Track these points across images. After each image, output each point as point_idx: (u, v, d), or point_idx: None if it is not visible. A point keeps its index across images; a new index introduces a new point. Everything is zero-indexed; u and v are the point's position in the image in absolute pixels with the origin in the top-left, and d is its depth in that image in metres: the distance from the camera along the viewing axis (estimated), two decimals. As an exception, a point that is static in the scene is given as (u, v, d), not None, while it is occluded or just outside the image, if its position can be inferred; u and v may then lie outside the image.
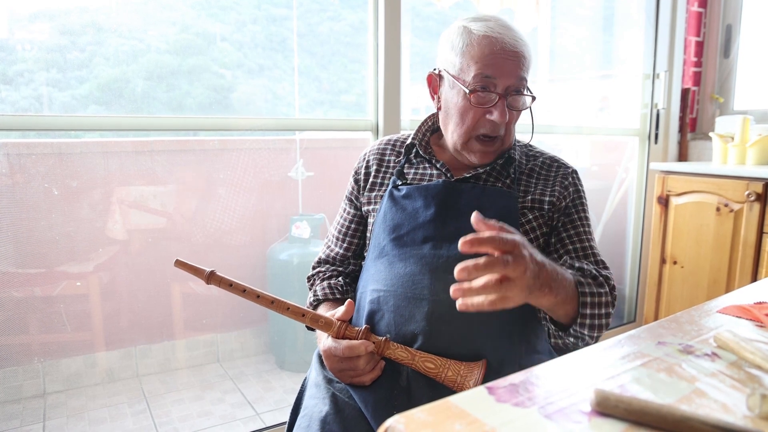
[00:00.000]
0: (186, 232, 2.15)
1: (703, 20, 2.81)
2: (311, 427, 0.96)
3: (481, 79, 1.02)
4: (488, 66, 1.01)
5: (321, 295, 1.18)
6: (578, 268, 1.03)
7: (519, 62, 1.03)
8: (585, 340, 0.99)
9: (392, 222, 1.08)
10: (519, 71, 1.03)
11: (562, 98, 2.92)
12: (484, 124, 1.04)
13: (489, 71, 1.02)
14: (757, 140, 2.26)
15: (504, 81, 1.02)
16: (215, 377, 2.31)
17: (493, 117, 1.02)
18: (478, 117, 1.04)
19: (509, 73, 1.02)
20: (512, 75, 1.02)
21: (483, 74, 1.02)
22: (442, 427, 0.47)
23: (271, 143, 2.33)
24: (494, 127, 1.04)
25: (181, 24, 2.12)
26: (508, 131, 1.07)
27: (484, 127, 1.05)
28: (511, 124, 1.07)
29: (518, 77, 1.03)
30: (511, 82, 1.03)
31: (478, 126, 1.05)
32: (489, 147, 1.07)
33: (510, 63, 1.02)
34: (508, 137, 1.08)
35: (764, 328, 0.74)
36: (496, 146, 1.07)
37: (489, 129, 1.05)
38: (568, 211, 1.11)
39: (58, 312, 1.89)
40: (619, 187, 2.95)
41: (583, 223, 1.11)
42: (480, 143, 1.06)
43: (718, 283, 2.25)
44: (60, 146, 1.85)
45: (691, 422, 0.48)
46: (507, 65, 1.02)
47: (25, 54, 1.80)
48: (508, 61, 1.02)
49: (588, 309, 0.95)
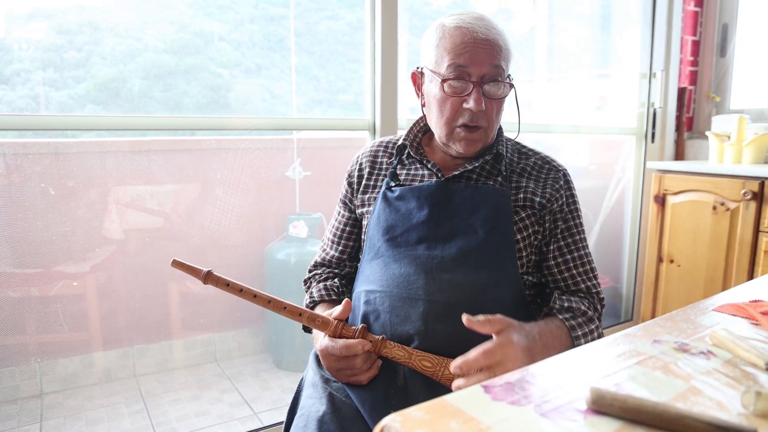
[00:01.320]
0: (183, 231, 2.15)
1: (700, 19, 2.82)
2: (308, 427, 0.96)
3: (455, 69, 1.03)
4: (460, 55, 1.02)
5: (317, 296, 1.18)
6: (567, 308, 1.06)
7: (492, 50, 1.03)
8: None
9: (386, 223, 1.08)
10: (493, 59, 1.03)
11: (560, 97, 2.92)
12: (463, 113, 1.05)
13: (461, 60, 1.02)
14: (753, 139, 2.26)
15: (478, 69, 1.02)
16: (213, 377, 2.31)
17: (469, 105, 1.03)
18: (456, 107, 1.05)
19: (482, 61, 1.02)
20: (485, 63, 1.02)
21: (456, 64, 1.02)
22: (439, 425, 0.47)
23: (268, 143, 2.33)
24: (472, 116, 1.04)
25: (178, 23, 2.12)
26: (490, 121, 1.07)
27: (462, 117, 1.05)
28: (493, 113, 1.07)
29: (492, 65, 1.03)
30: (486, 70, 1.03)
31: (457, 116, 1.05)
32: (473, 134, 1.06)
33: (482, 51, 1.02)
34: (491, 128, 1.08)
35: (759, 326, 0.75)
36: (480, 134, 1.07)
37: (468, 118, 1.05)
38: (565, 217, 1.11)
39: (55, 312, 1.88)
40: (616, 186, 2.95)
41: (579, 230, 1.13)
42: (464, 130, 1.06)
43: (715, 281, 2.26)
44: (57, 146, 1.84)
45: (686, 420, 0.48)
46: (479, 53, 1.02)
47: (21, 53, 1.80)
48: (480, 49, 1.02)
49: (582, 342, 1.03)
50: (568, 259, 1.10)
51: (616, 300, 3.04)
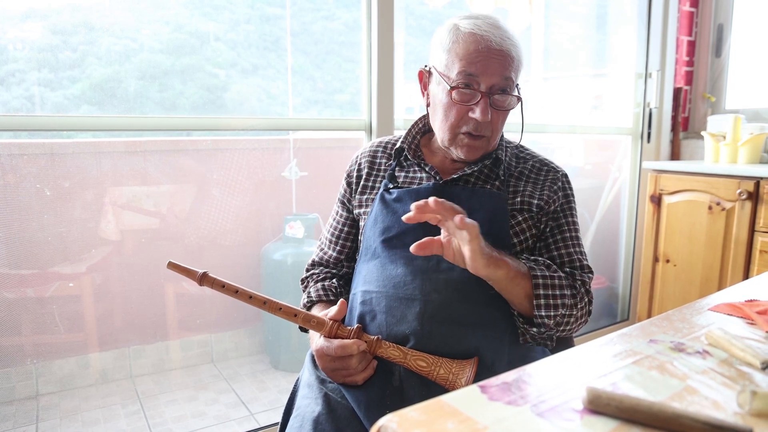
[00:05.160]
0: (179, 232, 2.14)
1: (695, 20, 2.83)
2: (303, 427, 0.96)
3: (465, 77, 1.02)
4: (471, 64, 1.01)
5: (315, 296, 1.18)
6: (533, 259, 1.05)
7: (504, 61, 1.02)
8: (547, 325, 0.99)
9: (383, 224, 1.08)
10: (504, 71, 1.02)
11: (556, 96, 2.92)
12: (468, 121, 1.04)
13: (472, 69, 1.01)
14: (748, 139, 2.27)
15: (488, 80, 1.01)
16: (209, 377, 2.30)
17: (475, 115, 1.02)
18: (462, 114, 1.04)
19: (493, 71, 1.01)
20: (496, 74, 1.01)
21: (466, 72, 1.01)
22: (435, 425, 0.47)
23: (264, 143, 2.33)
24: (477, 125, 1.04)
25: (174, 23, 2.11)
26: (494, 131, 1.07)
27: (467, 125, 1.05)
28: (497, 123, 1.06)
29: (503, 76, 1.02)
30: (495, 81, 1.02)
31: (461, 123, 1.05)
32: (476, 142, 1.06)
33: (494, 62, 1.01)
34: (495, 137, 1.08)
35: (755, 325, 0.75)
36: (483, 143, 1.07)
37: (472, 127, 1.04)
38: (556, 216, 1.11)
39: (51, 313, 1.88)
40: (612, 186, 2.96)
41: (570, 228, 1.12)
42: (467, 137, 1.06)
43: (711, 281, 2.27)
44: (52, 146, 1.84)
45: (682, 419, 0.48)
46: (491, 64, 1.01)
47: (16, 53, 1.79)
48: (493, 59, 1.01)
49: (541, 290, 0.98)
50: (555, 256, 1.09)
51: (612, 300, 3.05)
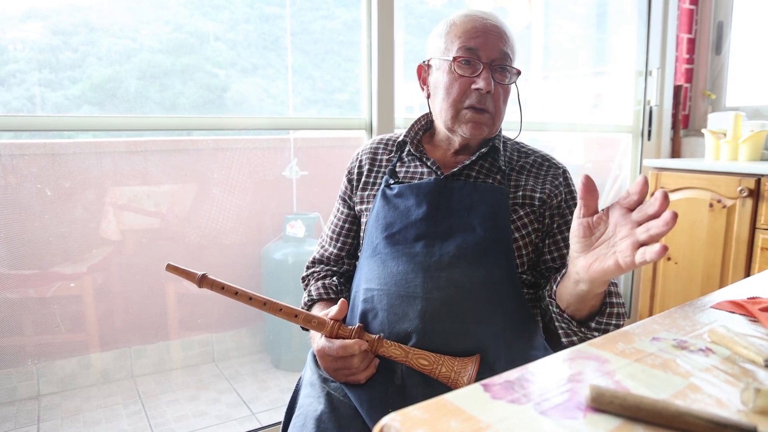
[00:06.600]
0: (180, 232, 2.14)
1: (695, 17, 2.82)
2: (306, 426, 0.96)
3: (465, 51, 1.05)
4: (471, 39, 1.05)
5: (315, 295, 1.18)
6: None
7: (501, 37, 1.06)
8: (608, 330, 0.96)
9: (384, 221, 1.08)
10: (502, 45, 1.06)
11: (556, 95, 2.92)
12: (470, 94, 1.05)
13: (471, 43, 1.05)
14: (749, 136, 2.27)
15: (487, 53, 1.05)
16: (210, 377, 2.30)
17: (479, 85, 1.03)
18: (464, 88, 1.05)
19: (492, 46, 1.05)
20: (495, 48, 1.05)
21: (466, 46, 1.05)
22: (438, 424, 0.47)
23: (265, 142, 2.33)
24: (480, 97, 1.05)
25: (173, 23, 2.11)
26: (497, 107, 1.07)
27: (470, 98, 1.05)
28: (500, 99, 1.08)
29: (501, 51, 1.06)
30: (495, 54, 1.05)
31: (464, 97, 1.06)
32: (479, 116, 1.06)
33: (492, 36, 1.05)
34: (497, 116, 1.09)
35: (758, 322, 0.75)
36: (487, 118, 1.07)
37: (475, 99, 1.05)
38: (562, 212, 1.11)
39: (52, 313, 1.88)
40: (612, 184, 2.96)
41: None
42: (471, 111, 1.06)
43: (712, 278, 2.26)
44: (53, 147, 1.84)
45: (685, 417, 0.48)
46: (489, 38, 1.05)
47: (17, 54, 1.79)
48: (490, 34, 1.05)
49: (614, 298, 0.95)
50: (565, 254, 1.09)
51: (614, 298, 3.04)
